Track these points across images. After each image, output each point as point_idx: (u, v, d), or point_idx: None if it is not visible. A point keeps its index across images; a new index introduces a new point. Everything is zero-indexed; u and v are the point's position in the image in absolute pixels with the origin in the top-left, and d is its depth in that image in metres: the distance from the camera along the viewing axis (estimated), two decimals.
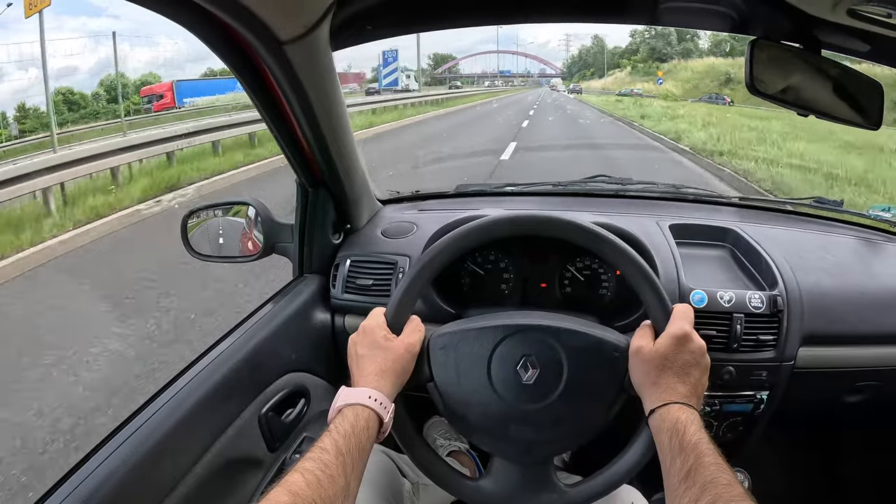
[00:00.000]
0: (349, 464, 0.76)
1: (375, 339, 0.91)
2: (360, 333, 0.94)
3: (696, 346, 0.87)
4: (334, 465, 0.74)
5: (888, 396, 1.41)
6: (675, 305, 0.92)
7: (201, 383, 0.99)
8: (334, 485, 0.72)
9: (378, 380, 0.87)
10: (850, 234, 1.58)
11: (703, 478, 0.72)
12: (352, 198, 1.38)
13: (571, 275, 1.32)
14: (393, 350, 0.90)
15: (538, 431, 0.93)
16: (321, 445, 0.76)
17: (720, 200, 1.77)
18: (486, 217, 0.98)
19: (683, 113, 20.58)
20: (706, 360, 0.89)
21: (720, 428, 1.36)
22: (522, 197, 1.83)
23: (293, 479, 0.70)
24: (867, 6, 0.76)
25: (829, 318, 1.28)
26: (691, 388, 0.85)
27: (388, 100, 22.53)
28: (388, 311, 0.95)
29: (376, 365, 0.89)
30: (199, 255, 1.38)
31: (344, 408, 0.83)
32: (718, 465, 0.74)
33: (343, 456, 0.75)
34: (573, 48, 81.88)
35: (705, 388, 0.89)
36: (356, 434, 0.79)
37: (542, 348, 0.92)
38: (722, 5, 1.05)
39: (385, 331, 0.93)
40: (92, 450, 0.84)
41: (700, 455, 0.75)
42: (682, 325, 0.88)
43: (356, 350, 0.92)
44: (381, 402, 0.85)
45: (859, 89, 1.03)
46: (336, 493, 0.72)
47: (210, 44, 0.88)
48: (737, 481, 0.72)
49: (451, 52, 79.16)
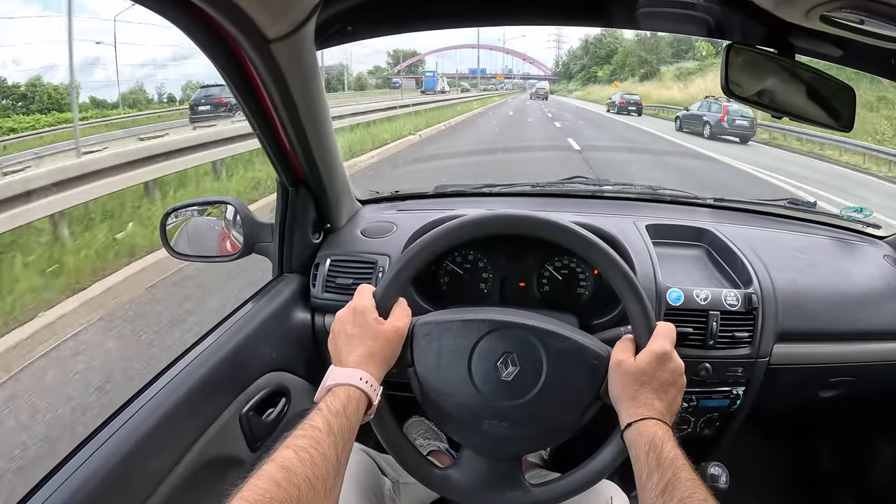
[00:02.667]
0: (340, 443, 0.76)
1: (366, 321, 0.91)
2: (349, 312, 0.93)
3: (675, 365, 0.89)
4: (326, 442, 0.74)
5: (862, 391, 1.45)
6: (658, 323, 0.93)
7: (181, 383, 0.98)
8: (326, 462, 0.72)
9: (368, 362, 0.87)
10: (823, 234, 1.62)
11: (680, 493, 0.73)
12: (332, 197, 1.38)
13: (550, 274, 1.33)
14: (383, 334, 0.90)
15: (511, 428, 0.94)
16: (313, 423, 0.76)
17: (696, 201, 1.79)
18: (479, 213, 0.99)
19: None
20: (683, 381, 0.90)
21: (697, 423, 1.38)
22: (501, 197, 1.84)
23: (286, 454, 0.70)
24: (840, 13, 0.78)
25: (802, 315, 1.31)
26: (667, 405, 0.87)
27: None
28: (378, 293, 0.95)
29: (366, 347, 0.89)
30: (179, 254, 1.37)
31: (335, 387, 0.83)
32: (694, 481, 0.75)
33: (335, 435, 0.75)
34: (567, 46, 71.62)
35: (678, 408, 0.91)
36: (347, 414, 0.79)
37: (524, 347, 0.93)
38: (699, 11, 1.07)
39: (375, 312, 0.92)
40: (72, 451, 0.83)
41: (677, 470, 0.76)
42: (664, 344, 0.89)
43: (345, 328, 0.91)
44: (371, 384, 0.85)
45: (833, 93, 1.06)
46: (328, 471, 0.72)
47: (196, 40, 0.87)
48: (712, 497, 0.73)
49: (416, 49, 72.33)
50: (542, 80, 72.86)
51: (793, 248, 1.48)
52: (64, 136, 15.63)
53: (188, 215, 1.41)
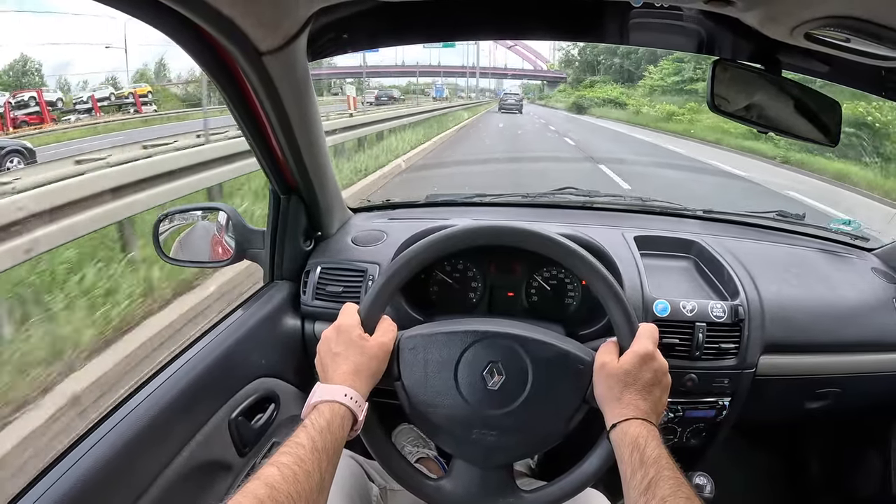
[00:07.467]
0: (324, 460, 0.76)
1: (351, 338, 0.91)
2: (334, 330, 0.94)
3: (658, 365, 0.90)
4: (310, 460, 0.74)
5: (848, 402, 1.46)
6: (640, 325, 0.94)
7: (171, 388, 0.99)
8: (310, 479, 0.72)
9: (353, 378, 0.88)
10: (811, 247, 1.64)
11: (662, 491, 0.74)
12: (323, 206, 1.39)
13: (538, 284, 1.33)
14: (368, 350, 0.91)
15: (500, 436, 0.95)
16: (297, 440, 0.77)
17: (685, 213, 1.81)
18: (465, 225, 1.00)
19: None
20: (667, 380, 0.91)
21: (684, 434, 1.39)
22: (491, 208, 1.85)
23: (269, 472, 0.70)
24: (824, 31, 0.79)
25: (789, 327, 1.32)
26: (652, 405, 0.88)
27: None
28: (363, 310, 0.96)
29: (351, 364, 0.89)
30: (171, 259, 1.38)
31: (319, 404, 0.84)
32: (677, 480, 0.76)
33: (319, 452, 0.76)
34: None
35: (665, 407, 0.92)
36: (331, 431, 0.80)
37: (508, 356, 0.94)
38: (686, 27, 1.08)
39: (360, 329, 0.93)
40: (61, 453, 0.84)
41: (660, 469, 0.77)
42: (647, 345, 0.90)
43: (330, 347, 0.92)
44: (357, 400, 0.86)
45: (819, 108, 1.07)
46: (311, 488, 0.72)
47: (191, 52, 0.88)
48: (695, 496, 0.74)
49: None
50: (540, 80, 64.14)
51: (780, 260, 1.49)
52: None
53: (181, 221, 1.42)
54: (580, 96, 42.79)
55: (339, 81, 39.70)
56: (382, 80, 60.57)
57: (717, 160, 12.99)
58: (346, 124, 10.87)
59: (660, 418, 0.89)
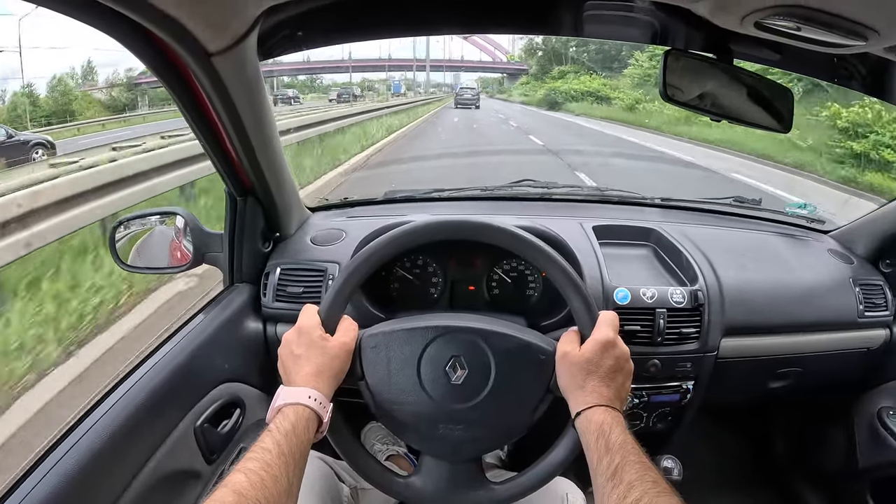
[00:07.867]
0: (291, 463, 0.76)
1: (312, 339, 0.91)
2: (295, 332, 0.93)
3: (620, 351, 0.91)
4: (277, 464, 0.74)
5: (809, 381, 1.50)
6: (601, 313, 0.95)
7: (134, 397, 0.97)
8: (277, 484, 0.72)
9: (316, 380, 0.87)
10: (769, 231, 1.67)
11: (629, 476, 0.75)
12: (281, 206, 1.37)
13: (499, 277, 1.34)
14: (329, 350, 0.90)
15: (466, 430, 0.95)
16: (263, 445, 0.76)
17: (643, 202, 1.83)
18: (423, 220, 1.00)
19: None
20: (630, 366, 0.92)
21: (650, 418, 1.42)
22: (450, 202, 1.85)
23: (237, 479, 0.70)
24: (774, 20, 0.80)
25: (748, 309, 1.36)
26: (615, 391, 0.89)
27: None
28: (322, 310, 0.95)
29: (313, 365, 0.89)
30: (129, 266, 1.35)
31: (284, 407, 0.83)
32: (643, 465, 0.77)
33: (285, 456, 0.76)
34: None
35: (628, 392, 0.94)
36: (297, 434, 0.80)
37: (470, 349, 0.94)
38: (639, 19, 1.09)
39: (320, 330, 0.92)
40: (27, 471, 0.82)
41: (626, 454, 0.78)
42: (608, 332, 0.91)
43: (292, 349, 0.92)
44: (321, 401, 0.85)
45: (772, 95, 1.09)
46: (280, 493, 0.72)
47: (141, 56, 0.86)
48: (661, 479, 0.75)
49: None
50: (500, 73, 60.07)
51: (738, 245, 1.52)
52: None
53: (138, 227, 1.38)
54: (551, 89, 37.09)
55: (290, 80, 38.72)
56: (336, 76, 58.42)
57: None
58: (298, 123, 10.75)
59: (624, 404, 0.90)
